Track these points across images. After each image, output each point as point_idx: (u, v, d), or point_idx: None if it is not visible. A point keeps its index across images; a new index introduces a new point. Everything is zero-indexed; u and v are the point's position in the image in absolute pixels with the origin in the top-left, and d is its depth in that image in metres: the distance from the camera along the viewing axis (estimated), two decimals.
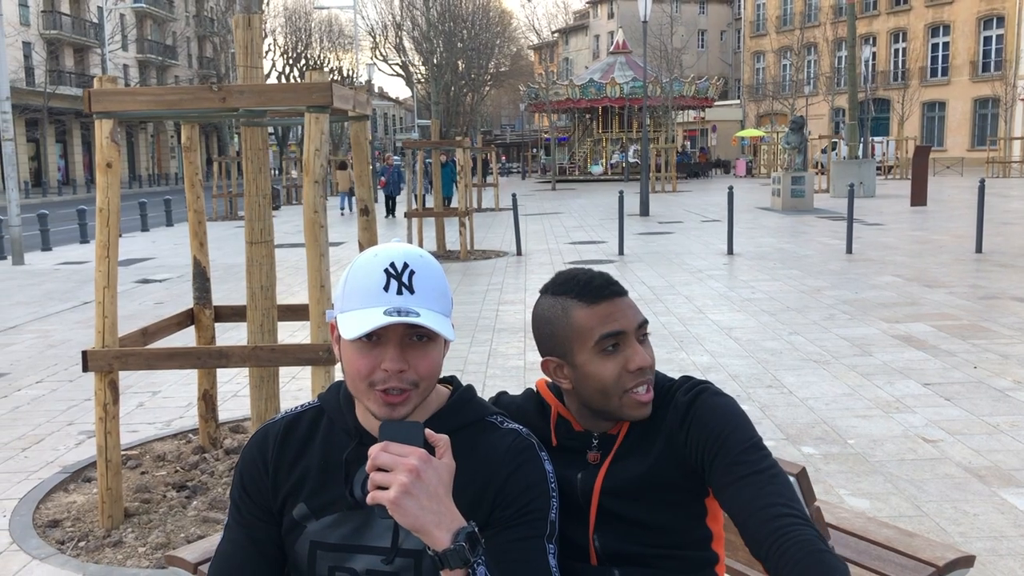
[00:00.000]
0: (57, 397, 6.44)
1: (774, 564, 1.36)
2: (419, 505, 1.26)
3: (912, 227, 17.34)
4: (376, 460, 1.28)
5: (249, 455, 1.57)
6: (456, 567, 1.27)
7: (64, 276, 13.45)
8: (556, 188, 38.52)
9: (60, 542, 3.99)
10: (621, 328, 1.55)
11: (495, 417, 1.55)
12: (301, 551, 1.48)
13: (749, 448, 1.49)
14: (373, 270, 1.41)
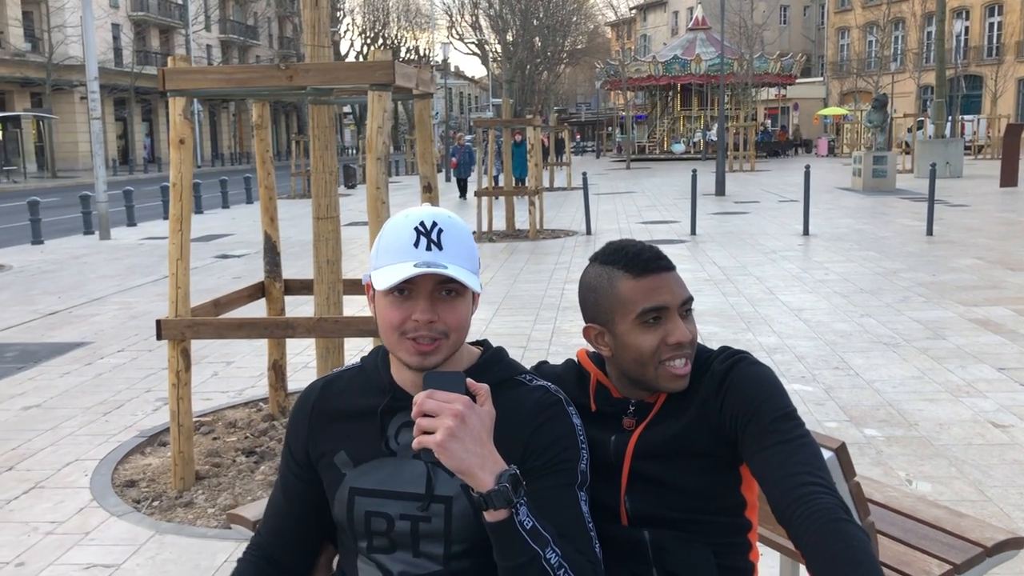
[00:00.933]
0: (137, 365, 6.72)
1: (796, 530, 1.39)
2: (464, 448, 1.33)
3: (999, 209, 16.74)
4: (422, 407, 1.36)
5: (292, 415, 1.68)
6: (500, 507, 1.34)
7: (147, 251, 13.95)
8: (631, 167, 38.23)
9: (136, 501, 4.20)
10: (664, 303, 1.58)
11: (524, 376, 1.61)
12: (341, 498, 1.56)
13: (782, 417, 1.52)
14: (403, 228, 1.49)
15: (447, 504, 1.50)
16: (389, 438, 1.55)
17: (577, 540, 1.47)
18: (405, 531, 1.52)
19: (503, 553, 1.39)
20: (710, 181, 22.77)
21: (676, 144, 45.86)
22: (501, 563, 1.40)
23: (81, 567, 3.55)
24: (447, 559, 1.51)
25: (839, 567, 1.30)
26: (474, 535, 1.49)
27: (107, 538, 3.81)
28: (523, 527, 1.37)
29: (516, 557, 1.38)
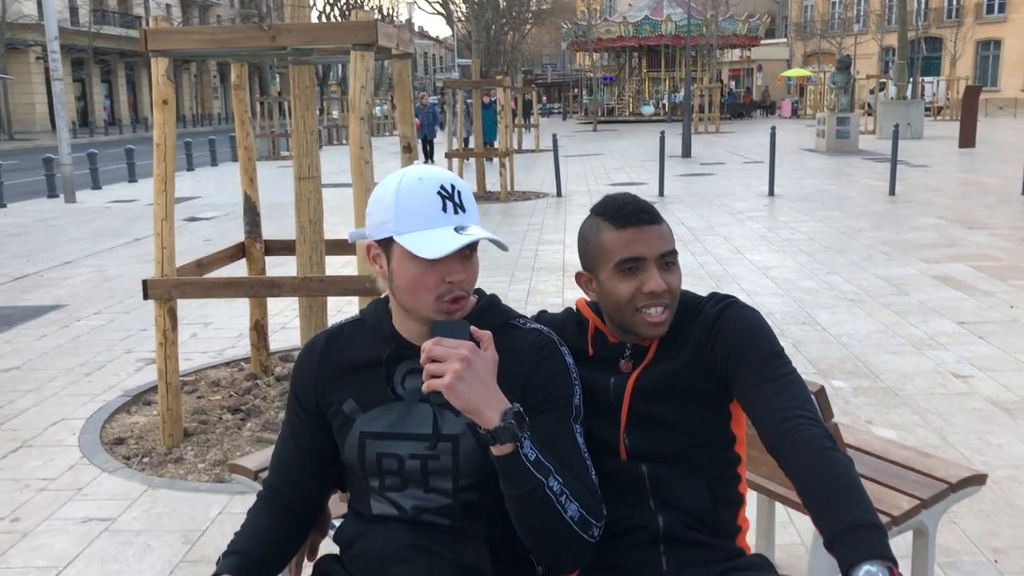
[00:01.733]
0: (115, 327, 6.74)
1: (785, 459, 1.51)
2: (471, 389, 1.43)
3: (959, 169, 17.07)
4: (430, 353, 1.45)
5: (298, 366, 1.76)
6: (506, 441, 1.45)
7: (115, 214, 13.82)
8: (598, 129, 38.25)
9: (126, 457, 4.27)
10: (641, 254, 1.68)
11: (518, 320, 1.72)
12: (352, 441, 1.66)
13: (771, 356, 1.63)
14: (426, 193, 1.56)
15: (454, 442, 1.61)
16: (395, 384, 1.65)
17: (575, 469, 1.59)
18: (415, 469, 1.62)
19: (510, 483, 1.50)
20: (676, 143, 22.92)
21: (645, 106, 45.89)
22: (508, 492, 1.51)
23: (77, 521, 3.63)
24: (456, 492, 1.62)
25: (827, 490, 1.41)
26: (480, 469, 1.60)
27: (100, 493, 3.88)
28: (527, 459, 1.48)
29: (522, 486, 1.49)
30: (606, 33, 44.75)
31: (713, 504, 1.72)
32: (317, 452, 1.73)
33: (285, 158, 25.47)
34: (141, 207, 14.63)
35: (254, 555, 1.65)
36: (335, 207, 13.70)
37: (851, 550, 1.31)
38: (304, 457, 1.74)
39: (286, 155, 26.22)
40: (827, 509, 1.39)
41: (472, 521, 1.62)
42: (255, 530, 1.70)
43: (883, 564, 1.27)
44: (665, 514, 1.70)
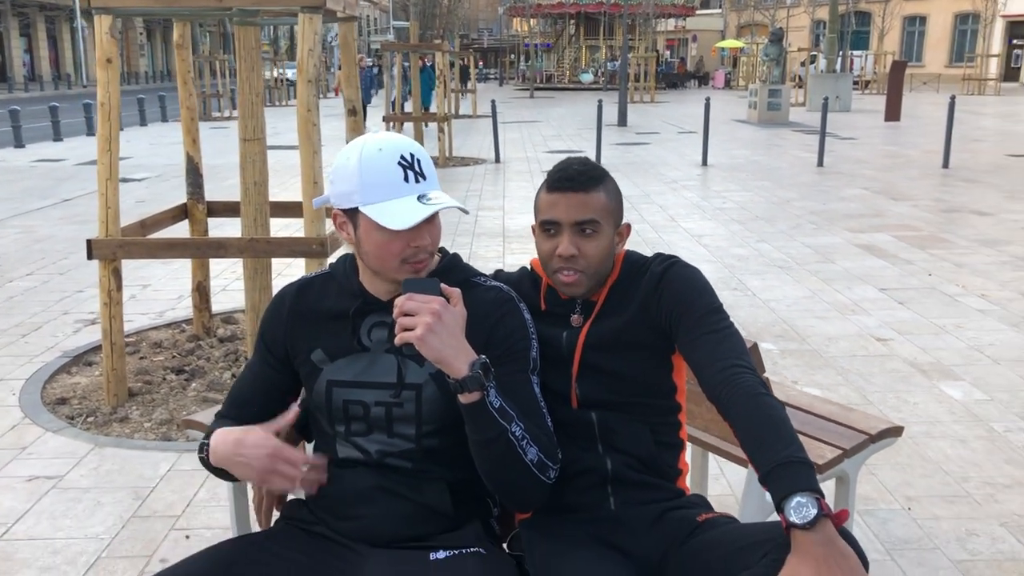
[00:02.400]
0: (50, 288, 6.64)
1: (724, 405, 1.65)
2: (440, 341, 1.54)
3: (884, 142, 17.61)
4: (403, 308, 1.55)
5: (269, 312, 1.86)
6: (474, 390, 1.56)
7: (42, 174, 13.44)
8: (535, 96, 38.25)
9: (70, 417, 4.27)
10: (556, 218, 1.80)
11: (479, 278, 1.84)
12: (319, 389, 1.76)
13: (711, 311, 1.77)
14: (388, 163, 1.65)
15: (417, 391, 1.72)
16: (362, 336, 1.75)
17: (534, 417, 1.71)
18: (380, 416, 1.73)
19: (476, 429, 1.62)
20: (612, 112, 23.10)
21: (584, 74, 46.00)
22: (474, 437, 1.63)
23: (23, 479, 3.64)
24: (419, 438, 1.73)
25: (762, 430, 1.55)
26: (442, 416, 1.71)
27: (46, 452, 3.89)
28: (492, 406, 1.59)
29: (487, 432, 1.61)
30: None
31: (656, 448, 1.87)
32: (276, 394, 1.83)
33: (217, 119, 24.96)
34: (69, 167, 14.25)
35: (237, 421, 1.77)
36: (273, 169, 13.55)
37: (783, 484, 1.45)
38: (263, 398, 1.83)
39: (218, 116, 25.69)
40: (762, 448, 1.53)
41: (433, 464, 1.74)
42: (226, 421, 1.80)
43: (811, 496, 1.42)
44: (612, 458, 1.84)
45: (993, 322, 5.65)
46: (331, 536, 1.76)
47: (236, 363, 4.89)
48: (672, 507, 1.82)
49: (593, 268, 1.81)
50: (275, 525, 1.87)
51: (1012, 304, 6.05)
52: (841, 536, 1.41)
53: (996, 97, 34.63)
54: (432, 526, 1.72)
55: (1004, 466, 3.68)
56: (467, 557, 1.67)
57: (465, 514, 1.77)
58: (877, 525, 3.22)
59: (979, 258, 7.43)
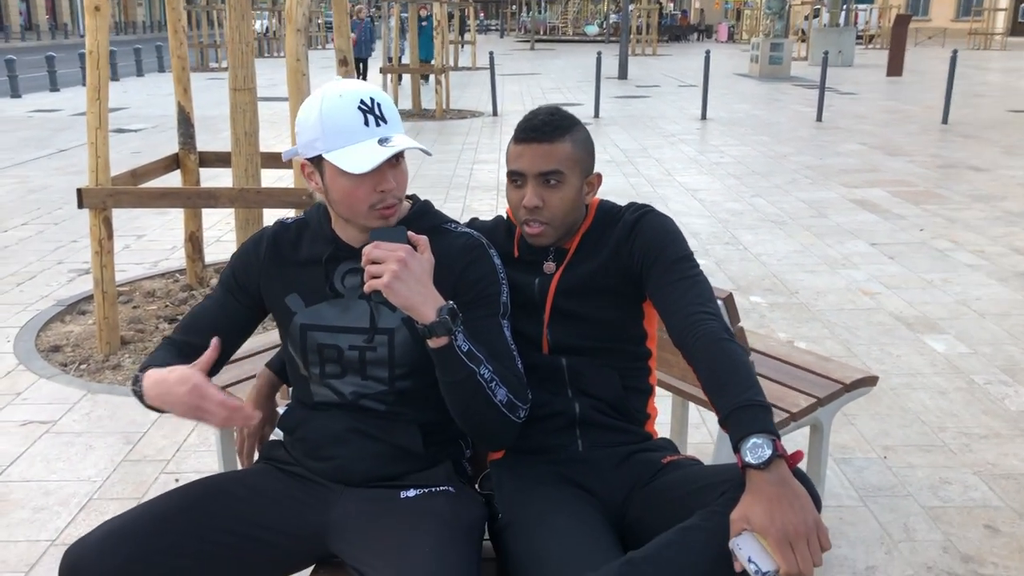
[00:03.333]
0: (44, 238, 6.67)
1: (688, 350, 1.69)
2: (408, 288, 1.57)
3: (884, 97, 17.49)
4: (370, 256, 1.58)
5: (244, 249, 1.88)
6: (441, 335, 1.60)
7: (38, 124, 13.39)
8: (535, 48, 37.87)
9: (63, 364, 4.33)
10: (520, 169, 1.83)
11: (450, 224, 1.86)
12: (294, 333, 1.80)
13: (681, 259, 1.80)
14: (347, 109, 1.65)
15: (390, 335, 1.76)
16: (335, 282, 1.78)
17: (504, 359, 1.75)
18: (354, 359, 1.77)
19: (445, 372, 1.66)
20: (613, 64, 22.90)
21: (589, 26, 45.49)
22: (444, 379, 1.67)
23: (17, 424, 3.71)
24: (391, 380, 1.78)
25: (722, 374, 1.59)
26: (413, 360, 1.76)
27: (39, 398, 3.96)
28: (460, 350, 1.63)
29: (456, 374, 1.65)
30: None
31: (625, 393, 1.91)
32: (234, 328, 1.86)
33: (214, 69, 24.77)
34: (65, 117, 14.20)
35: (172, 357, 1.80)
36: (266, 120, 13.50)
37: (740, 426, 1.50)
38: (224, 328, 1.84)
39: (215, 67, 25.48)
40: (722, 391, 1.57)
41: (405, 407, 1.78)
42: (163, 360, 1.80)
43: (768, 437, 1.46)
44: (581, 401, 1.88)
45: (981, 277, 5.68)
46: (307, 476, 1.81)
47: None
48: (638, 450, 1.87)
49: (559, 219, 1.84)
50: (254, 465, 1.93)
51: (1001, 259, 6.08)
52: (796, 477, 1.46)
53: (1002, 52, 34.28)
54: (404, 466, 1.77)
55: (981, 416, 3.74)
56: (437, 495, 1.73)
57: (436, 455, 1.82)
58: (853, 473, 3.29)
59: (972, 213, 7.44)
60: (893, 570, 2.70)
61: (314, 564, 1.79)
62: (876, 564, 2.73)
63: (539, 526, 1.67)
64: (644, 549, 1.47)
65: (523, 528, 1.69)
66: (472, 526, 1.70)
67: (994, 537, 2.87)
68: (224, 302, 1.87)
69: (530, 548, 1.64)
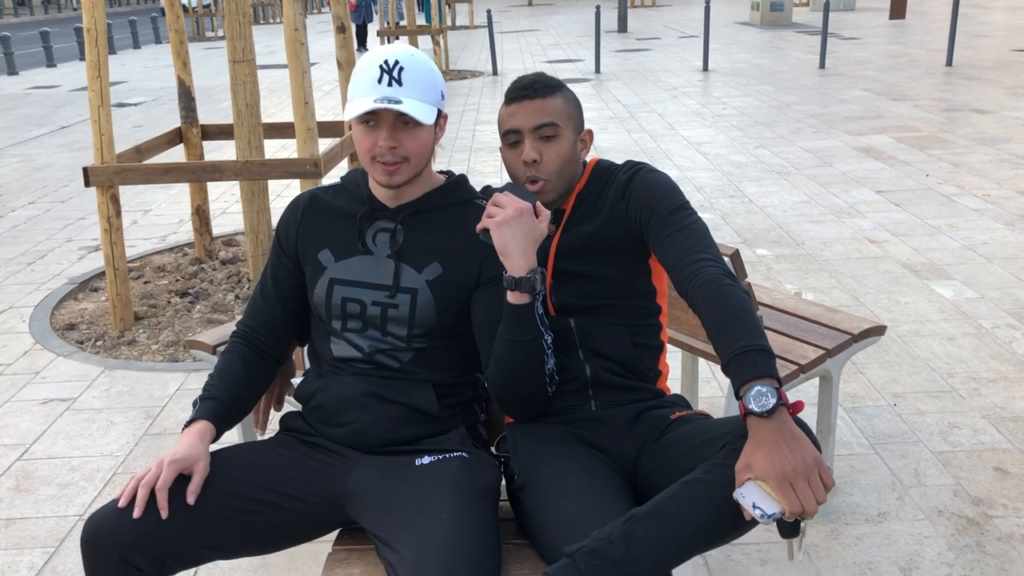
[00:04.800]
0: (52, 217, 6.71)
1: (691, 298, 1.70)
2: (512, 235, 1.68)
3: (887, 41, 17.29)
4: (496, 199, 1.71)
5: (283, 217, 1.96)
6: (525, 291, 1.69)
7: (37, 101, 13.36)
8: (533, 3, 37.46)
9: (79, 342, 4.39)
10: (516, 126, 1.87)
11: (481, 200, 1.91)
12: (322, 287, 1.85)
13: (676, 208, 1.82)
14: (371, 65, 1.74)
15: (413, 295, 1.81)
16: (367, 240, 1.85)
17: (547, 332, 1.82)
18: (376, 315, 1.82)
19: (517, 330, 1.72)
20: (612, 18, 22.66)
21: None
22: (511, 338, 1.73)
23: (38, 402, 3.77)
24: (409, 339, 1.82)
25: (724, 320, 1.59)
26: (431, 321, 1.81)
27: (58, 375, 4.01)
28: (537, 312, 1.72)
29: (525, 334, 1.72)
30: None
31: (635, 350, 1.94)
32: (292, 295, 1.94)
33: (211, 39, 24.59)
34: (64, 93, 14.16)
35: (227, 399, 1.84)
36: (265, 89, 13.44)
37: (742, 371, 1.51)
38: (280, 299, 1.93)
39: (211, 36, 25.30)
40: (724, 337, 1.58)
41: (420, 367, 1.83)
42: (229, 374, 1.87)
43: (770, 384, 1.48)
44: (592, 363, 1.91)
45: (988, 221, 5.68)
46: (325, 445, 1.86)
47: (239, 285, 4.98)
48: (650, 407, 1.90)
49: (556, 173, 1.87)
50: (275, 436, 1.97)
51: (1007, 202, 6.07)
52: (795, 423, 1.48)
53: None
54: (419, 428, 1.81)
55: (989, 361, 3.77)
56: (451, 460, 1.77)
57: (451, 418, 1.86)
58: (863, 421, 3.33)
59: (977, 157, 7.41)
60: (905, 515, 2.75)
61: (338, 529, 1.84)
62: (888, 510, 2.78)
63: (553, 486, 1.71)
64: (648, 504, 1.50)
65: (538, 488, 1.73)
66: (487, 489, 1.75)
67: (1004, 479, 2.91)
68: (276, 276, 1.94)
69: (545, 507, 1.68)
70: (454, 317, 1.82)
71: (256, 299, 1.96)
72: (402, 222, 1.83)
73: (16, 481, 3.15)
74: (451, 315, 1.82)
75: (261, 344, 1.94)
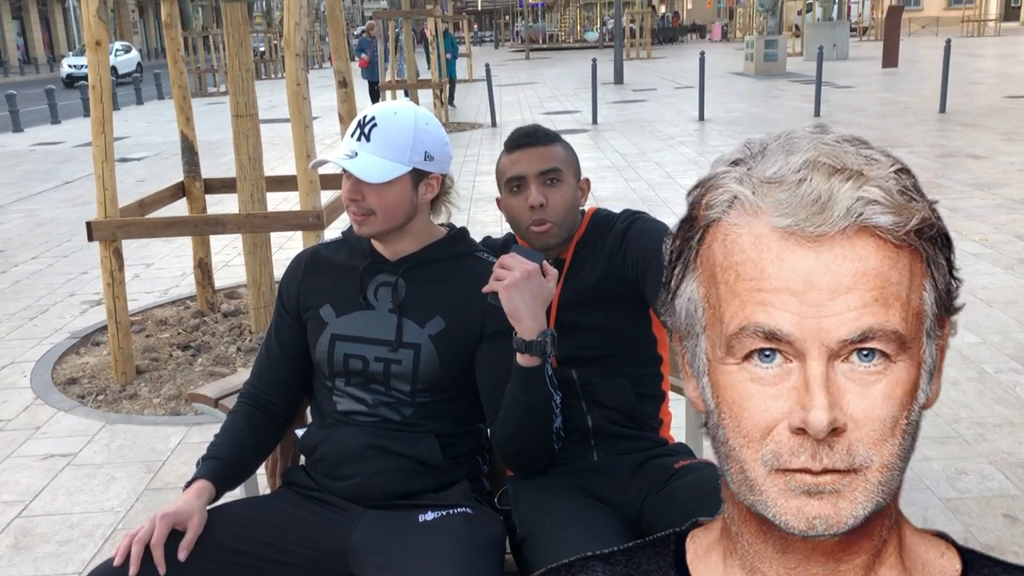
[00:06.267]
0: (55, 271, 6.73)
1: None
2: (521, 297, 1.67)
3: (881, 89, 17.51)
4: (502, 261, 1.70)
5: (286, 274, 1.97)
6: (535, 354, 1.68)
7: (41, 157, 13.49)
8: (530, 57, 37.99)
9: (80, 396, 4.37)
10: (521, 172, 1.89)
11: (482, 253, 1.92)
12: (323, 343, 1.85)
13: None
14: (355, 119, 1.80)
15: (415, 350, 1.80)
16: (368, 294, 1.85)
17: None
18: (379, 371, 1.82)
19: (527, 391, 1.72)
20: (609, 70, 22.95)
21: (589, 32, 45.69)
22: (520, 399, 1.73)
23: (38, 458, 3.75)
24: (413, 394, 1.82)
25: None
26: (435, 376, 1.80)
27: (58, 431, 4.00)
28: (547, 373, 1.72)
29: (535, 395, 1.72)
30: None
31: (637, 400, 1.94)
32: (297, 353, 1.93)
33: (213, 94, 24.90)
34: (68, 149, 14.30)
35: (230, 459, 1.83)
36: (267, 142, 13.58)
37: None
38: (285, 358, 1.93)
39: (213, 91, 25.62)
40: None
41: (424, 419, 1.82)
42: (234, 433, 1.87)
43: None
44: (594, 413, 1.91)
45: (987, 265, 5.70)
46: (327, 499, 1.84)
47: (240, 337, 4.98)
48: (653, 455, 1.89)
49: (561, 217, 1.89)
50: (276, 491, 1.96)
51: (1005, 247, 6.10)
52: None
53: (996, 38, 34.28)
54: (423, 481, 1.80)
55: (994, 406, 3.76)
56: (455, 517, 1.76)
57: (454, 471, 1.85)
58: None
59: (974, 202, 7.46)
60: None
61: None
62: None
63: (554, 537, 1.69)
64: None
65: (540, 540, 1.72)
66: (491, 545, 1.73)
67: (1014, 526, 2.89)
68: (280, 334, 1.94)
69: (544, 560, 1.66)
70: (457, 370, 1.82)
71: (261, 358, 1.96)
72: (403, 275, 1.84)
73: (15, 539, 3.12)
74: (454, 369, 1.81)
75: (267, 403, 1.93)
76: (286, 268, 1.97)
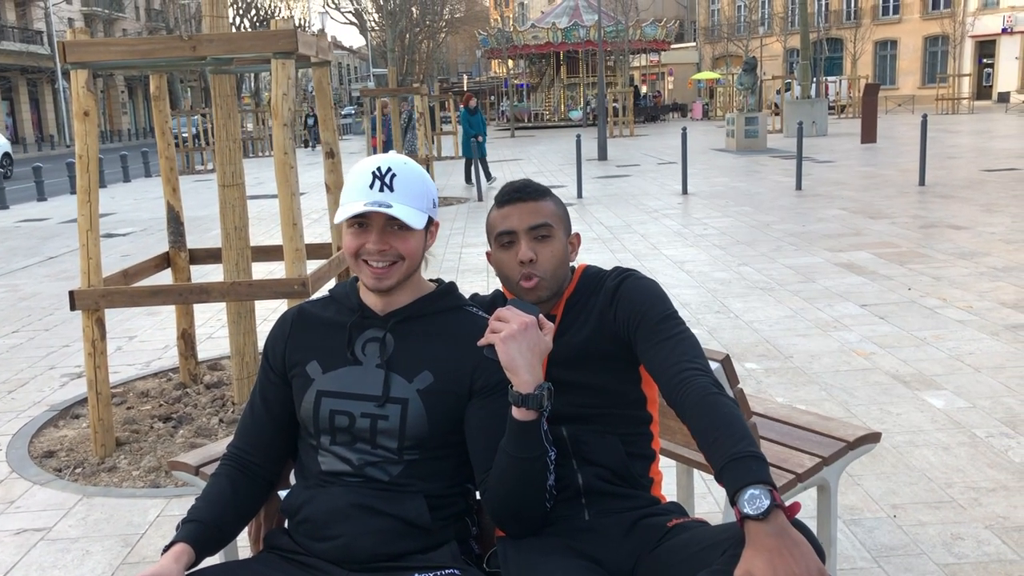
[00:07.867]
0: (35, 345, 6.65)
1: (679, 408, 1.68)
2: (518, 351, 1.66)
3: (861, 163, 17.82)
4: (499, 314, 1.69)
5: (271, 333, 1.94)
6: (532, 408, 1.66)
7: (26, 233, 13.47)
8: (515, 135, 38.58)
9: (57, 470, 4.27)
10: (510, 227, 1.89)
11: (472, 308, 1.90)
12: (309, 399, 1.81)
13: (665, 318, 1.82)
14: (364, 172, 1.77)
15: (403, 405, 1.77)
16: (356, 350, 1.81)
17: None
18: (365, 427, 1.77)
19: (522, 447, 1.69)
20: (593, 147, 23.30)
21: (574, 111, 46.52)
22: (516, 455, 1.69)
23: (11, 533, 3.63)
24: (400, 451, 1.77)
25: (714, 429, 1.57)
26: (423, 433, 1.76)
27: (33, 504, 3.89)
28: (543, 428, 1.70)
29: (531, 451, 1.69)
30: (533, 40, 44.94)
31: (628, 459, 1.90)
32: (283, 412, 1.89)
33: (200, 172, 25.09)
34: (53, 225, 14.30)
35: (211, 522, 1.77)
36: (253, 217, 13.62)
37: (735, 477, 1.48)
38: (270, 418, 1.89)
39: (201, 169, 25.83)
40: (714, 446, 1.56)
41: (412, 478, 1.77)
42: (215, 496, 1.81)
43: (764, 487, 1.44)
44: (585, 471, 1.87)
45: (973, 332, 5.71)
46: (310, 563, 1.78)
47: (223, 408, 4.90)
48: (645, 515, 1.85)
49: (551, 272, 1.88)
50: (258, 555, 1.90)
51: (990, 313, 6.12)
52: (795, 527, 1.44)
53: (970, 115, 35.10)
54: (410, 542, 1.74)
55: (987, 470, 3.71)
56: None
57: (442, 532, 1.79)
58: (863, 534, 3.24)
59: (957, 270, 7.52)
60: None
61: None
62: None
63: None
64: None
65: None
66: None
67: None
68: (265, 394, 1.90)
69: None
70: (447, 427, 1.78)
71: (246, 419, 1.92)
72: (392, 329, 1.81)
73: None
74: (443, 425, 1.77)
75: (251, 465, 1.88)
76: (272, 327, 1.94)
